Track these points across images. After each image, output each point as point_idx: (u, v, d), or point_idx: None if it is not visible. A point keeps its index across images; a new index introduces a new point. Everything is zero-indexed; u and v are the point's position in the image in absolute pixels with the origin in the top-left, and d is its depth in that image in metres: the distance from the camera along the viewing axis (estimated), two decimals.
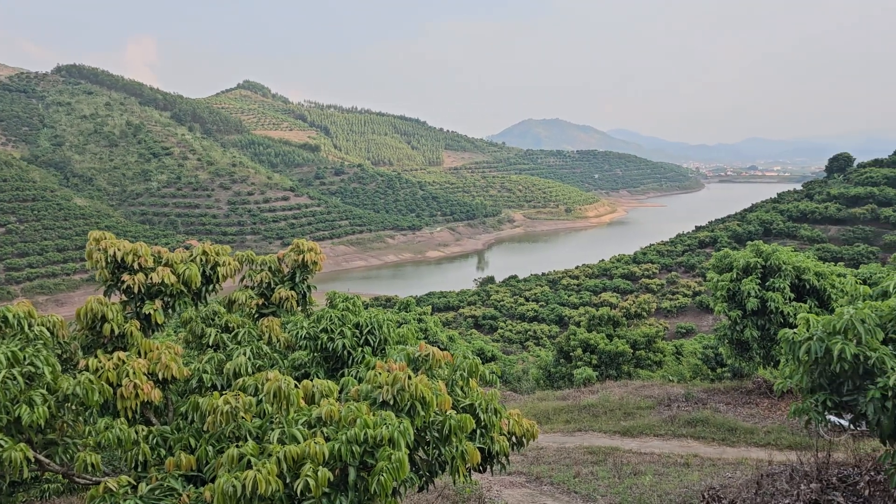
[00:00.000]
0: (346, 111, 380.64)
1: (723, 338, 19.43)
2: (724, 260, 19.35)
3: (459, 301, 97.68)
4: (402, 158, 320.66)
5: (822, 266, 18.76)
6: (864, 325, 7.68)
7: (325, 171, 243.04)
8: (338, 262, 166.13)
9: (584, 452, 15.70)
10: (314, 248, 9.28)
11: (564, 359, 29.76)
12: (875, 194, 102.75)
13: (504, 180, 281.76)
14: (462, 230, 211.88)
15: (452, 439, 6.49)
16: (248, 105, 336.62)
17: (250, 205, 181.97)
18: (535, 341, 74.47)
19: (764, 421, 16.97)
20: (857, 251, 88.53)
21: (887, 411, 7.47)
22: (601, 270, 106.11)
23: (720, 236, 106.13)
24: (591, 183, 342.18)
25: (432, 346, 7.43)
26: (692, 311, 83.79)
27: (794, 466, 10.50)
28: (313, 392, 6.36)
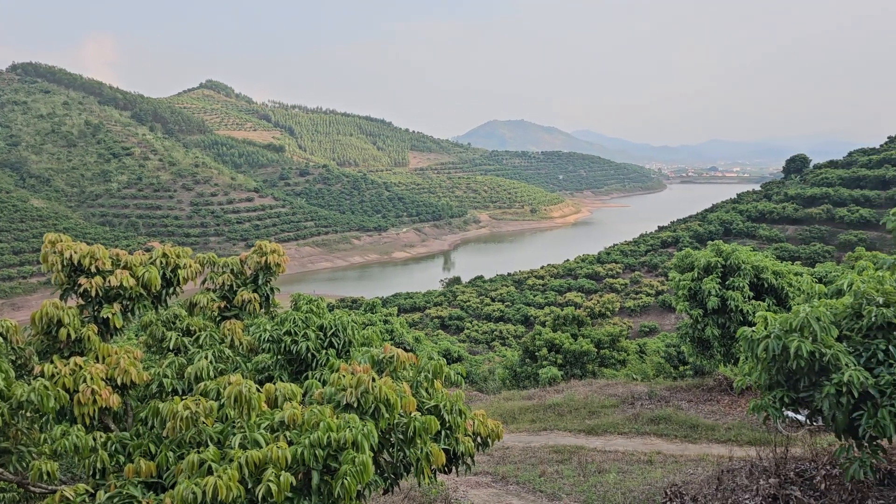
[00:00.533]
0: (310, 111, 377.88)
1: (685, 336, 19.72)
2: (685, 260, 19.65)
3: (426, 302, 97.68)
4: (367, 159, 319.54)
5: (779, 265, 19.17)
6: (820, 323, 7.86)
7: (289, 172, 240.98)
8: (303, 264, 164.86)
9: (550, 451, 15.81)
10: (277, 250, 9.18)
11: (530, 358, 29.94)
12: (830, 195, 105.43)
13: (470, 181, 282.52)
14: (428, 231, 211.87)
15: (417, 441, 6.48)
16: (210, 105, 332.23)
17: (214, 206, 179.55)
18: (501, 341, 74.80)
19: (725, 417, 17.28)
20: (813, 250, 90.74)
21: (842, 407, 7.66)
22: (566, 270, 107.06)
23: (682, 236, 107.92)
24: (556, 184, 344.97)
25: (398, 347, 7.42)
26: (655, 310, 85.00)
27: (753, 462, 10.71)
28: (276, 395, 6.30)
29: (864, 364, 7.91)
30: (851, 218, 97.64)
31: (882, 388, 7.60)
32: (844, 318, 8.53)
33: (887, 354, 7.85)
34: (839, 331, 8.36)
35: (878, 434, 7.50)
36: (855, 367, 7.63)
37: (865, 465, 7.71)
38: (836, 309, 8.62)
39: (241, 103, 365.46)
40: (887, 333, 8.06)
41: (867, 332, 8.24)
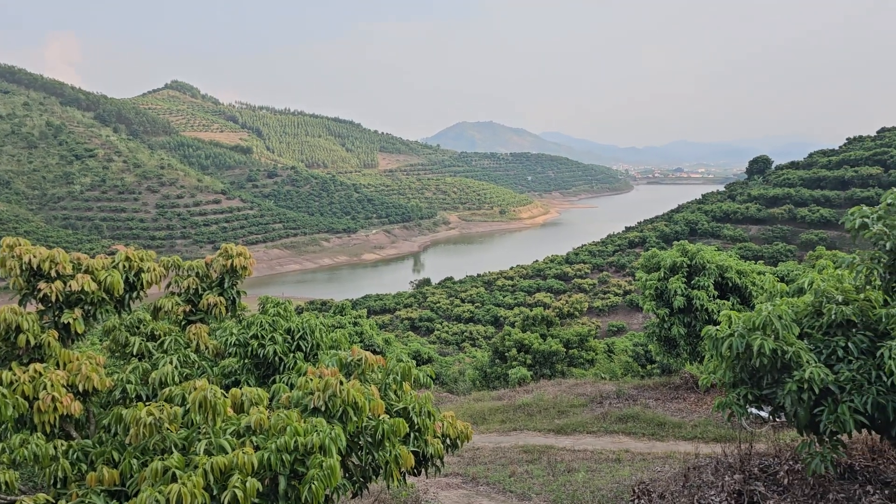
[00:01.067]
0: (278, 112, 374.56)
1: (652, 335, 19.95)
2: (651, 260, 19.88)
3: (396, 303, 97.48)
4: (336, 160, 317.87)
5: (743, 264, 19.50)
6: (781, 321, 8.00)
7: (257, 174, 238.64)
8: (272, 266, 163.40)
9: (520, 451, 15.86)
10: (243, 253, 9.08)
11: (500, 359, 30.04)
12: (792, 195, 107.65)
13: (439, 182, 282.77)
14: (398, 232, 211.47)
15: (386, 444, 6.46)
16: (176, 106, 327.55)
17: (180, 208, 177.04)
18: (471, 342, 74.92)
19: (691, 415, 17.52)
20: (776, 249, 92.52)
21: (803, 403, 7.81)
22: (535, 271, 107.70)
23: (649, 236, 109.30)
24: (525, 185, 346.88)
25: (368, 349, 7.42)
26: (623, 309, 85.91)
27: (718, 459, 10.87)
28: (242, 400, 6.22)
29: (825, 361, 8.07)
30: (812, 218, 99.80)
31: (842, 385, 7.76)
32: (805, 316, 8.70)
33: (846, 351, 8.03)
34: (800, 328, 8.52)
35: (838, 429, 7.66)
36: (816, 364, 7.78)
37: (826, 460, 7.87)
38: (798, 307, 8.79)
39: (207, 104, 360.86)
40: (846, 331, 8.24)
41: (827, 329, 8.42)
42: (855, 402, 7.60)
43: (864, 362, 7.83)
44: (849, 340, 8.07)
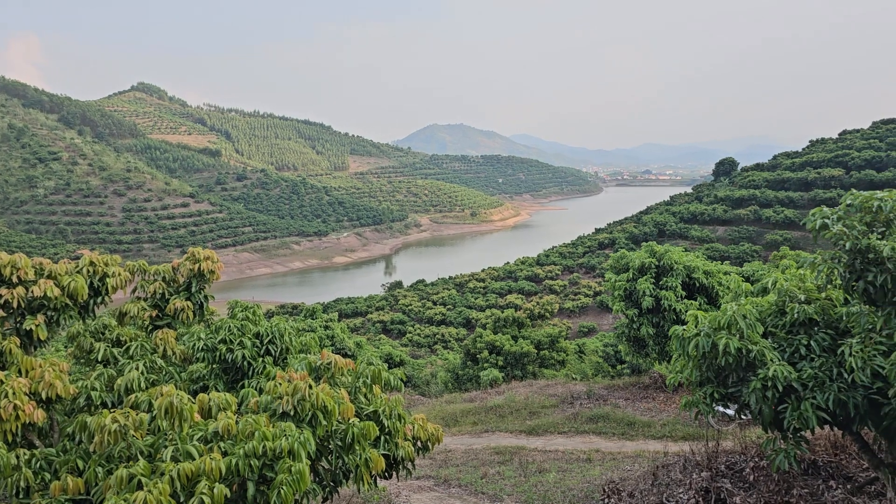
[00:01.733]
0: (247, 115, 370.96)
1: (621, 336, 20.16)
2: (620, 261, 20.10)
3: (367, 306, 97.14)
4: (306, 163, 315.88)
5: (710, 265, 19.81)
6: (746, 321, 8.15)
7: (226, 177, 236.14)
8: (242, 270, 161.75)
9: (491, 453, 15.91)
10: (211, 257, 8.99)
11: (471, 361, 30.09)
12: (757, 196, 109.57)
13: (410, 185, 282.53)
14: (369, 235, 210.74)
15: (356, 447, 6.44)
16: (143, 108, 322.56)
17: (147, 212, 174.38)
18: (443, 344, 74.94)
19: (660, 414, 17.74)
20: (742, 250, 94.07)
21: (767, 401, 7.95)
22: (506, 273, 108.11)
23: (618, 238, 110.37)
24: (496, 187, 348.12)
25: (339, 352, 7.39)
26: (593, 310, 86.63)
27: (686, 457, 11.02)
28: (210, 406, 6.15)
29: (788, 359, 8.24)
30: (777, 218, 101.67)
31: (805, 382, 7.92)
32: (769, 315, 8.86)
33: (809, 349, 8.20)
34: (764, 328, 8.68)
35: (801, 426, 7.81)
36: (779, 363, 7.93)
37: (790, 456, 8.01)
38: (762, 307, 8.95)
39: (175, 106, 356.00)
40: (809, 329, 8.42)
41: (790, 328, 8.59)
42: (817, 398, 7.76)
43: (826, 360, 8.01)
44: (811, 339, 8.25)
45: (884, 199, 7.81)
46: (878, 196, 7.89)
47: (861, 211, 8.00)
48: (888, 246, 7.52)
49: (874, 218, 7.92)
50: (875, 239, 7.68)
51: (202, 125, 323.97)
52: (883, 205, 7.80)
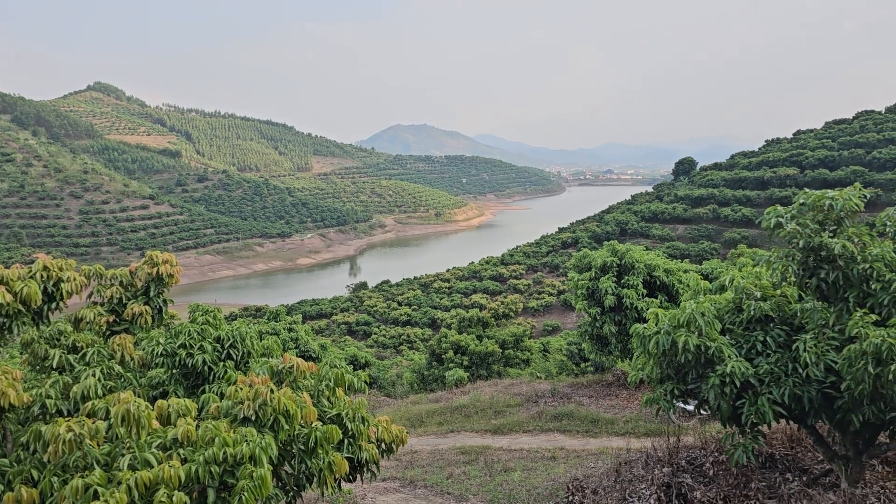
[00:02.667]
0: (208, 115, 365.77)
1: (584, 334, 20.38)
2: (583, 260, 20.31)
3: (332, 308, 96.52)
4: (269, 164, 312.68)
5: (670, 263, 20.13)
6: (704, 318, 8.30)
7: (187, 178, 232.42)
8: (203, 273, 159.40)
9: (457, 453, 15.94)
10: (170, 260, 8.84)
11: (437, 361, 30.11)
12: (716, 195, 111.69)
13: (374, 185, 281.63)
14: (333, 236, 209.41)
15: (319, 451, 6.39)
16: (100, 108, 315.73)
17: (105, 214, 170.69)
18: (408, 345, 74.83)
19: (623, 411, 17.96)
20: (701, 248, 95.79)
21: (725, 396, 8.11)
22: (471, 273, 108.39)
23: (581, 237, 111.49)
24: (460, 187, 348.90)
25: (303, 355, 7.33)
26: (557, 309, 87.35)
27: (648, 453, 11.18)
28: (169, 412, 6.05)
29: (745, 355, 8.41)
30: (735, 217, 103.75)
31: (761, 377, 8.10)
32: (727, 312, 9.05)
33: (765, 345, 8.39)
34: (722, 324, 8.86)
35: (758, 420, 7.98)
36: (737, 359, 8.10)
37: (748, 451, 8.19)
38: (720, 304, 9.13)
39: (133, 107, 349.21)
40: (765, 325, 8.61)
41: (747, 324, 8.77)
42: (773, 393, 7.95)
43: (782, 355, 8.20)
44: (767, 335, 8.44)
45: (835, 198, 8.03)
46: (829, 195, 8.11)
47: (813, 210, 8.21)
48: (839, 244, 7.74)
49: (826, 216, 8.14)
50: (827, 237, 7.90)
51: (161, 126, 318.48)
52: (834, 204, 8.02)
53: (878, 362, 7.04)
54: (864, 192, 8.28)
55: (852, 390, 7.43)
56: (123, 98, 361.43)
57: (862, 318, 7.37)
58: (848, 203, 8.01)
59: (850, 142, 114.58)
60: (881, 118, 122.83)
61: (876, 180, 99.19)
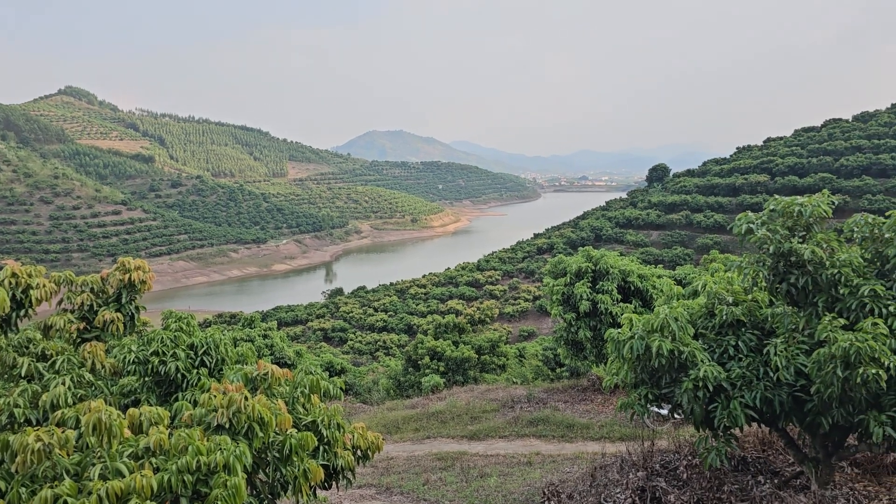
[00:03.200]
0: (182, 120, 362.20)
1: (560, 339, 20.48)
2: (558, 266, 20.42)
3: (308, 314, 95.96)
4: (244, 170, 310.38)
5: (644, 269, 20.32)
6: (678, 323, 8.39)
7: (160, 184, 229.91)
8: (177, 279, 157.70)
9: (433, 459, 15.91)
10: (142, 267, 8.72)
11: (413, 367, 30.05)
12: (689, 202, 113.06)
13: (350, 191, 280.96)
14: (309, 242, 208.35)
15: (294, 458, 6.34)
16: (71, 112, 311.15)
17: (76, 220, 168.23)
18: (385, 351, 74.63)
19: (598, 416, 18.06)
20: (675, 254, 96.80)
21: (699, 400, 8.20)
22: (447, 278, 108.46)
23: (556, 243, 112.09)
24: (436, 193, 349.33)
25: (278, 362, 7.27)
26: (533, 314, 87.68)
27: (623, 457, 11.26)
28: (141, 420, 5.96)
29: (718, 359, 8.52)
30: (707, 223, 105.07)
31: (733, 381, 8.20)
32: (700, 317, 9.15)
33: (737, 349, 8.50)
34: (695, 329, 8.96)
35: (731, 424, 8.08)
36: (709, 363, 8.20)
37: (721, 454, 8.28)
38: (693, 309, 9.24)
39: (105, 111, 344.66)
40: (737, 330, 8.73)
41: (720, 329, 8.88)
42: (745, 397, 8.05)
43: (753, 359, 8.31)
44: (739, 339, 8.55)
45: (804, 204, 8.18)
46: (798, 202, 8.26)
47: (783, 216, 8.35)
48: (808, 249, 7.87)
49: (795, 222, 8.28)
50: (796, 243, 8.03)
51: (134, 130, 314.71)
52: (803, 210, 8.16)
53: (847, 366, 7.17)
54: (833, 198, 8.44)
55: (822, 393, 7.55)
56: (95, 102, 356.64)
57: (830, 322, 7.50)
58: (816, 209, 8.16)
59: (818, 149, 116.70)
60: (848, 126, 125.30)
61: (844, 187, 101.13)
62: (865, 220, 8.40)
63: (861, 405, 7.56)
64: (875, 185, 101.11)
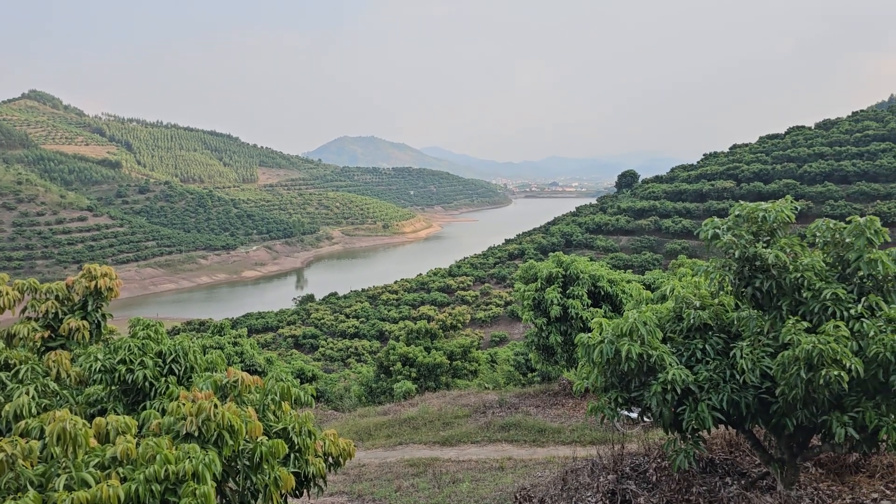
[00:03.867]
0: (150, 125, 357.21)
1: (531, 344, 20.58)
2: (529, 271, 20.54)
3: (278, 321, 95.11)
4: (213, 175, 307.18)
5: (614, 274, 20.53)
6: (646, 327, 8.49)
7: (127, 189, 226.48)
8: (145, 286, 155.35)
9: (405, 465, 15.87)
10: (109, 273, 8.61)
11: (385, 373, 29.97)
12: (657, 207, 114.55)
13: (321, 197, 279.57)
14: (280, 248, 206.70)
15: (264, 466, 6.29)
16: (35, 117, 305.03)
17: (41, 226, 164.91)
18: (356, 358, 74.25)
19: (570, 420, 18.18)
20: (644, 259, 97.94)
21: (667, 403, 8.31)
22: (419, 284, 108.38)
23: (527, 248, 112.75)
24: (407, 199, 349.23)
25: (249, 369, 7.20)
26: (505, 319, 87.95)
27: (594, 461, 11.34)
28: (108, 430, 5.87)
29: (686, 363, 8.64)
30: (675, 228, 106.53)
31: (701, 384, 8.32)
32: (668, 321, 9.28)
33: (704, 353, 8.63)
34: (664, 333, 9.07)
35: (699, 426, 8.20)
36: (677, 367, 8.31)
37: (689, 456, 8.39)
38: (661, 313, 9.36)
39: (70, 116, 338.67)
40: (704, 334, 8.86)
41: (687, 333, 9.01)
42: (712, 399, 8.17)
43: (720, 362, 8.45)
44: (706, 343, 8.68)
45: (767, 209, 8.35)
46: (762, 207, 8.43)
47: (748, 221, 8.52)
48: (772, 254, 8.04)
49: (760, 228, 8.45)
50: (761, 247, 8.19)
51: (101, 135, 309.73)
52: (767, 215, 8.34)
53: (810, 368, 7.32)
54: (796, 204, 8.64)
55: (786, 395, 7.70)
56: (60, 107, 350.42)
57: (794, 325, 7.65)
58: (780, 215, 8.34)
59: (782, 156, 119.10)
60: (811, 133, 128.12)
61: (807, 193, 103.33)
62: (827, 226, 8.59)
63: (824, 406, 7.73)
64: (837, 190, 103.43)
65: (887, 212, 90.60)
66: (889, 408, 7.49)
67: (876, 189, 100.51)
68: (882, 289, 8.08)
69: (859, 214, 8.93)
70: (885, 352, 7.22)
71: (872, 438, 7.70)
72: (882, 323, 7.57)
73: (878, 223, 8.15)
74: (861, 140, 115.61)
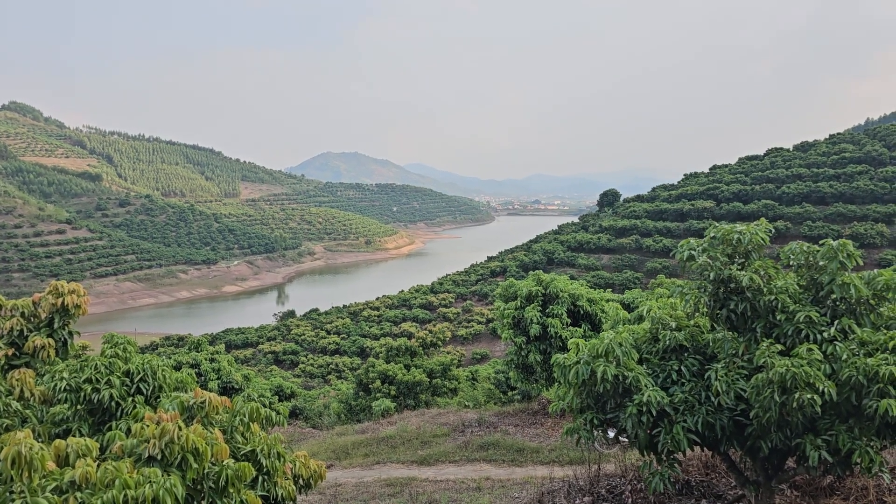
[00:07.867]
0: (132, 138, 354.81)
1: (511, 363, 20.48)
2: (509, 289, 20.50)
3: (258, 337, 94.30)
4: (195, 189, 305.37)
5: (593, 293, 20.54)
6: (622, 348, 8.45)
7: (107, 203, 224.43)
8: (123, 301, 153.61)
9: (383, 485, 15.67)
10: (77, 290, 8.43)
11: (364, 391, 29.71)
12: (638, 226, 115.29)
13: (304, 213, 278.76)
14: (261, 263, 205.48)
15: (230, 490, 6.14)
16: (14, 128, 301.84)
17: (18, 239, 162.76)
18: (336, 374, 73.67)
19: (548, 440, 18.07)
20: (625, 277, 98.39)
21: (643, 425, 8.25)
22: (401, 301, 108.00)
23: (509, 266, 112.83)
24: (390, 216, 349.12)
25: (226, 386, 7.05)
26: (486, 337, 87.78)
27: (571, 482, 11.26)
28: (68, 452, 5.70)
29: (661, 384, 8.59)
30: (656, 247, 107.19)
31: (676, 406, 8.28)
32: (644, 342, 9.25)
33: (680, 374, 8.59)
34: (640, 354, 9.04)
35: (674, 448, 8.14)
36: (653, 388, 8.26)
37: (665, 478, 8.32)
38: (637, 334, 9.33)
39: (51, 128, 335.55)
40: (679, 355, 8.83)
41: (663, 354, 8.98)
42: (688, 421, 8.13)
43: (695, 384, 8.42)
44: (681, 364, 8.65)
45: (742, 232, 8.37)
46: (737, 229, 8.45)
47: (723, 243, 8.53)
48: (747, 276, 8.04)
49: (735, 250, 8.47)
50: (735, 269, 8.20)
51: (81, 148, 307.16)
52: (742, 238, 8.35)
53: (784, 390, 7.31)
54: (770, 226, 8.67)
55: (760, 417, 7.67)
56: (41, 119, 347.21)
57: (768, 347, 7.65)
58: (755, 237, 8.36)
59: (761, 177, 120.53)
60: (789, 155, 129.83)
61: (785, 213, 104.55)
62: (801, 248, 8.63)
63: (798, 429, 7.71)
64: (815, 212, 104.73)
65: (864, 233, 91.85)
66: (862, 431, 7.48)
67: (853, 210, 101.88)
68: (855, 312, 8.11)
69: (836, 235, 8.98)
70: (857, 375, 7.23)
71: (846, 461, 7.68)
72: (855, 346, 7.59)
73: (850, 246, 8.19)
74: (838, 162, 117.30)
